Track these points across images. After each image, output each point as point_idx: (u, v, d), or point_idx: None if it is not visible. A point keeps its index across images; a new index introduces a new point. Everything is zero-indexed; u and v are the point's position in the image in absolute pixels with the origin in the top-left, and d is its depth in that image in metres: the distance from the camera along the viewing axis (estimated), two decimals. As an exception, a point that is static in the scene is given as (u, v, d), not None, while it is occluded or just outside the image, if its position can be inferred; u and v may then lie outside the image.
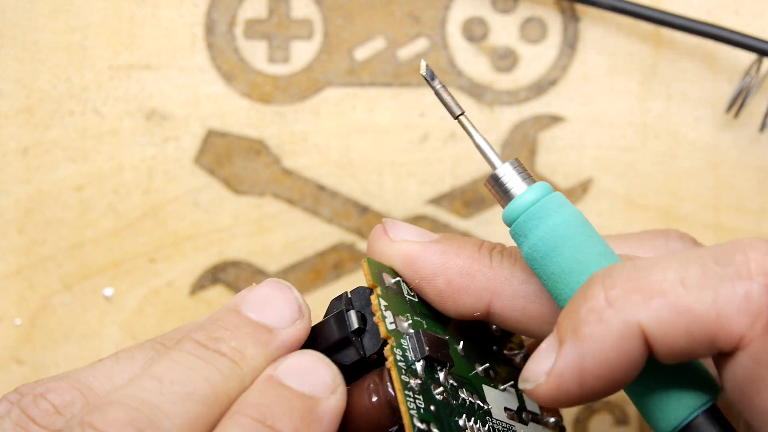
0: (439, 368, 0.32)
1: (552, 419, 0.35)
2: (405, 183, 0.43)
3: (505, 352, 0.35)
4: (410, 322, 0.32)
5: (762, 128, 0.42)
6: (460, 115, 0.32)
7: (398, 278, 0.33)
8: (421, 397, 0.31)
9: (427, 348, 0.31)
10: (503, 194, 0.31)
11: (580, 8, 0.43)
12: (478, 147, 0.32)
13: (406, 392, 0.31)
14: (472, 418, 0.32)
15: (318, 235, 0.43)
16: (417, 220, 0.43)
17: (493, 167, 0.31)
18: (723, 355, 0.28)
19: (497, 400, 0.33)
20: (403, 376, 0.31)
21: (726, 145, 0.43)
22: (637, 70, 0.43)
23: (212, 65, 0.43)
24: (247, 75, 0.43)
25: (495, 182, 0.31)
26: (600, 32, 0.43)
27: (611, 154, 0.43)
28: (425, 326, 0.33)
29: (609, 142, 0.43)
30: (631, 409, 0.44)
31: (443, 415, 0.31)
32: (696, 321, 0.27)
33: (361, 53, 0.43)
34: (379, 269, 0.33)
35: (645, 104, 0.43)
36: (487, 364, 0.34)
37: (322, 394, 0.30)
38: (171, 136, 0.43)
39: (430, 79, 0.32)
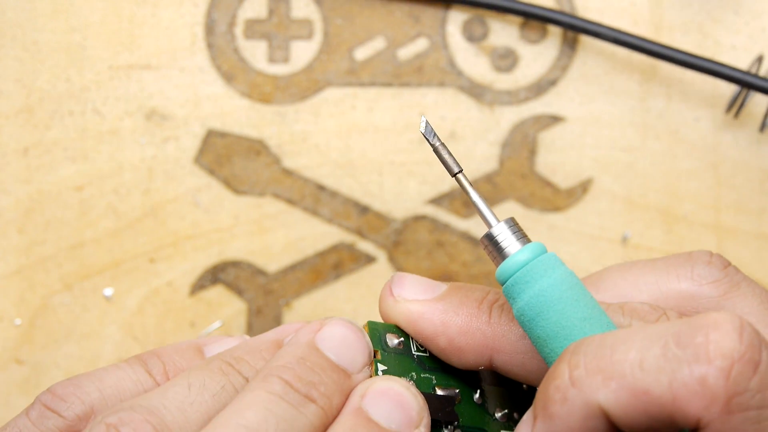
0: (444, 426, 0.33)
1: None
2: (405, 183, 0.43)
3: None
4: (415, 381, 0.33)
5: (762, 128, 0.42)
6: (458, 173, 0.32)
7: (402, 338, 0.33)
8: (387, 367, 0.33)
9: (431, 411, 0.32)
10: (497, 253, 0.31)
11: (581, 9, 0.43)
12: (475, 205, 0.32)
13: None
14: None
15: (318, 235, 0.43)
16: (417, 220, 0.43)
17: (489, 226, 0.31)
18: None
19: None
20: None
21: (726, 145, 0.43)
22: (637, 70, 0.43)
23: (212, 65, 0.43)
24: (247, 75, 0.43)
25: (489, 241, 0.31)
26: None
27: (611, 154, 0.43)
28: (434, 382, 0.33)
29: (609, 142, 0.43)
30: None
31: None
32: (653, 403, 0.28)
33: (361, 53, 0.43)
34: (383, 331, 0.33)
35: (645, 104, 0.43)
36: (506, 410, 0.34)
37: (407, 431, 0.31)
38: (171, 136, 0.43)
39: (429, 136, 0.32)
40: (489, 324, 0.32)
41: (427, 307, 0.33)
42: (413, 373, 0.33)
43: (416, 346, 0.34)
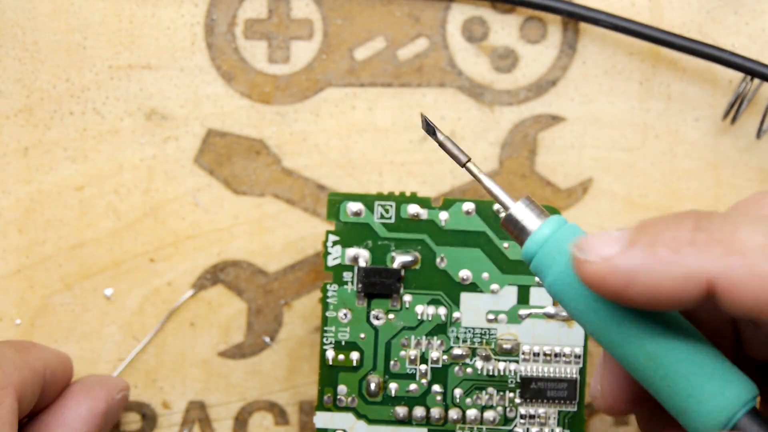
0: (387, 296, 0.38)
1: None
2: (405, 183, 0.43)
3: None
4: (370, 248, 0.38)
5: (758, 135, 0.42)
6: (467, 162, 0.32)
7: (362, 206, 0.38)
8: (348, 327, 0.38)
9: (365, 284, 0.37)
10: (519, 232, 0.31)
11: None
12: (488, 191, 0.32)
13: (327, 327, 0.38)
14: (423, 335, 0.38)
15: (318, 235, 0.43)
16: (417, 220, 0.43)
17: (506, 208, 0.31)
18: None
19: (477, 305, 0.37)
20: (328, 312, 0.38)
21: (726, 146, 0.43)
22: (637, 70, 0.43)
23: (212, 65, 0.43)
24: (247, 75, 0.43)
25: (510, 222, 0.31)
26: (600, 32, 0.43)
27: (611, 154, 0.43)
28: (393, 248, 0.38)
29: (609, 142, 0.43)
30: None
31: (378, 340, 0.37)
32: None
33: (361, 53, 0.43)
34: (342, 200, 0.38)
35: (645, 104, 0.43)
36: (468, 272, 0.38)
37: None
38: (171, 136, 0.43)
39: (431, 133, 0.33)
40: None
41: (623, 258, 0.30)
42: (369, 241, 0.38)
43: (380, 212, 0.37)
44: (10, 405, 0.35)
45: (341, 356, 0.38)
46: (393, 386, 0.38)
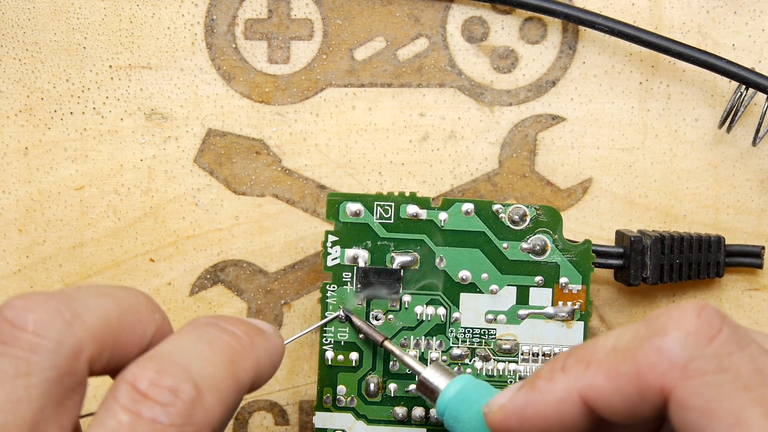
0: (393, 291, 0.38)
1: (565, 308, 0.38)
2: (405, 183, 0.43)
3: (522, 245, 0.38)
4: (369, 248, 0.38)
5: (755, 143, 0.42)
6: (383, 341, 0.37)
7: (362, 206, 0.38)
8: (347, 327, 0.38)
9: (364, 284, 0.38)
10: (430, 393, 0.35)
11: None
12: (402, 361, 0.36)
13: (327, 328, 0.38)
14: (422, 335, 0.38)
15: (318, 235, 0.43)
16: (417, 220, 0.43)
17: (418, 373, 0.35)
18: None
19: (477, 305, 0.37)
20: (327, 312, 0.38)
21: (726, 145, 0.43)
22: (637, 70, 0.43)
23: (212, 65, 0.43)
24: (247, 75, 0.43)
25: (422, 384, 0.35)
26: (600, 32, 0.43)
27: (611, 154, 0.43)
28: (392, 248, 0.38)
29: (609, 142, 0.43)
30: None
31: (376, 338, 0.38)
32: (623, 381, 0.30)
33: (361, 53, 0.43)
34: (342, 200, 0.38)
35: (645, 104, 0.43)
36: (467, 272, 0.38)
37: None
38: (171, 136, 0.43)
39: (348, 319, 0.38)
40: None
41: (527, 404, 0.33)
42: (368, 241, 0.38)
43: (380, 212, 0.37)
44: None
45: (340, 356, 0.38)
46: (392, 386, 0.38)
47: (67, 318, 0.29)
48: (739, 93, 0.41)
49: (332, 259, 0.38)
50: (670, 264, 0.40)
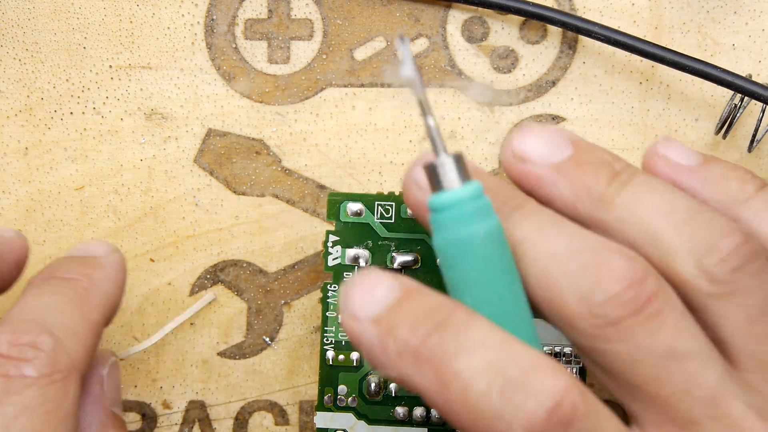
0: None
1: None
2: (405, 183, 0.43)
3: None
4: (370, 248, 0.37)
5: (750, 149, 0.42)
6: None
7: (362, 206, 0.37)
8: None
9: None
10: (435, 182, 0.31)
11: (581, 9, 0.43)
12: (428, 129, 0.31)
13: (327, 327, 0.37)
14: None
15: (318, 235, 0.43)
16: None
17: (437, 154, 0.31)
18: None
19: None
20: (328, 313, 0.38)
21: (725, 146, 0.43)
22: (637, 70, 0.43)
23: (212, 65, 0.43)
24: (247, 75, 0.43)
25: (431, 169, 0.31)
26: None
27: (611, 154, 0.43)
28: (393, 248, 0.38)
29: (609, 142, 0.43)
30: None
31: None
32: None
33: (361, 53, 0.43)
34: (343, 200, 0.37)
35: (645, 104, 0.43)
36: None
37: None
38: (171, 136, 0.43)
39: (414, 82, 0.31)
40: None
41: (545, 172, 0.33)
42: (369, 241, 0.37)
43: (381, 212, 0.37)
44: (74, 392, 0.32)
45: (341, 356, 0.38)
46: (393, 386, 0.38)
47: None
48: (733, 103, 0.41)
49: (333, 259, 0.38)
50: None
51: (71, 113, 0.43)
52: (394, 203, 0.38)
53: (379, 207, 0.38)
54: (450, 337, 0.29)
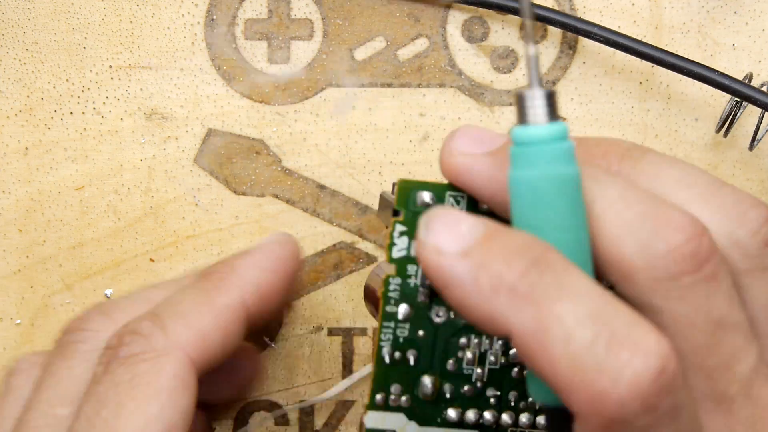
0: None
1: None
2: (405, 183, 0.43)
3: None
4: None
5: (751, 148, 0.42)
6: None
7: (434, 195, 0.34)
8: (408, 324, 0.34)
9: (426, 279, 0.33)
10: (522, 114, 0.30)
11: (580, 9, 0.43)
12: (528, 58, 0.30)
13: (386, 323, 0.34)
14: (483, 335, 0.35)
15: (318, 235, 0.43)
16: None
17: (530, 86, 0.30)
18: None
19: None
20: (388, 307, 0.34)
21: (725, 146, 0.43)
22: (637, 70, 0.43)
23: (212, 65, 0.43)
24: (247, 75, 0.43)
25: (521, 100, 0.30)
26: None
27: (611, 154, 0.43)
28: None
29: (609, 142, 0.43)
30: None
31: (438, 338, 0.34)
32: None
33: (361, 53, 0.43)
34: (415, 188, 0.34)
35: (645, 104, 0.43)
36: None
37: None
38: (171, 136, 0.43)
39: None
40: None
41: (476, 162, 0.32)
42: None
43: (453, 202, 0.34)
44: (173, 372, 0.33)
45: (398, 354, 0.35)
46: (447, 387, 0.36)
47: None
48: (734, 101, 0.41)
49: (398, 250, 0.34)
50: None
51: (71, 113, 0.43)
52: (466, 195, 0.35)
53: (450, 198, 0.35)
54: (549, 277, 0.28)
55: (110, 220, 0.43)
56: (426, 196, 0.34)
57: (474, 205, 0.34)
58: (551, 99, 0.30)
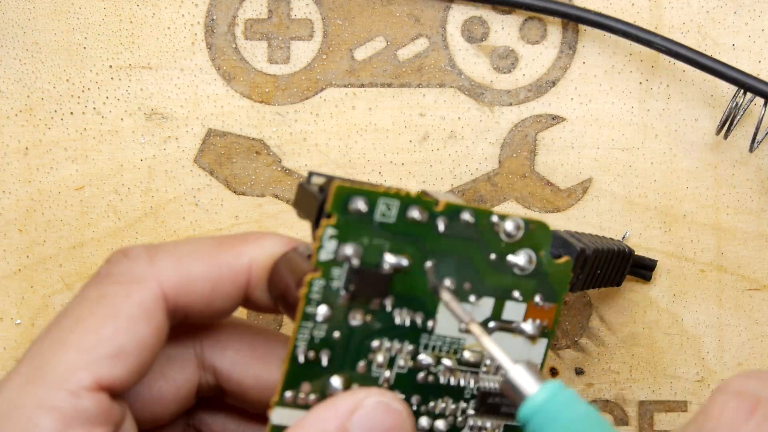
0: (375, 298, 0.35)
1: (535, 324, 0.36)
2: (405, 183, 0.43)
3: (509, 258, 0.36)
4: (365, 246, 0.34)
5: (751, 149, 0.42)
6: (469, 321, 0.34)
7: (368, 202, 0.34)
8: (325, 325, 0.34)
9: (354, 285, 0.34)
10: (517, 395, 0.32)
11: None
12: (489, 353, 0.33)
13: (304, 323, 0.34)
14: (395, 339, 0.35)
15: (318, 235, 0.43)
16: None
17: (506, 370, 0.32)
18: None
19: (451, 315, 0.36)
20: (309, 308, 0.34)
21: (725, 145, 0.43)
22: (637, 70, 0.43)
23: (212, 65, 0.43)
24: (247, 75, 0.43)
25: (508, 384, 0.32)
26: (600, 32, 0.43)
27: (611, 154, 0.43)
28: (386, 247, 0.35)
29: (609, 142, 0.43)
30: (631, 409, 0.44)
31: (352, 340, 0.35)
32: None
33: (361, 53, 0.43)
34: (349, 194, 0.34)
35: (645, 104, 0.43)
36: (448, 281, 0.36)
37: None
38: (171, 136, 0.43)
39: (436, 291, 0.35)
40: None
41: None
42: (365, 238, 0.35)
43: (382, 212, 0.35)
44: (139, 300, 0.33)
45: (311, 353, 0.36)
46: (355, 388, 0.36)
47: None
48: (736, 101, 0.41)
49: (326, 253, 0.35)
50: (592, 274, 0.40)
51: (71, 113, 0.43)
52: (398, 202, 0.36)
53: (382, 205, 0.36)
54: None
55: (110, 220, 0.43)
56: (360, 202, 0.34)
57: (404, 210, 0.35)
58: (529, 368, 0.32)
